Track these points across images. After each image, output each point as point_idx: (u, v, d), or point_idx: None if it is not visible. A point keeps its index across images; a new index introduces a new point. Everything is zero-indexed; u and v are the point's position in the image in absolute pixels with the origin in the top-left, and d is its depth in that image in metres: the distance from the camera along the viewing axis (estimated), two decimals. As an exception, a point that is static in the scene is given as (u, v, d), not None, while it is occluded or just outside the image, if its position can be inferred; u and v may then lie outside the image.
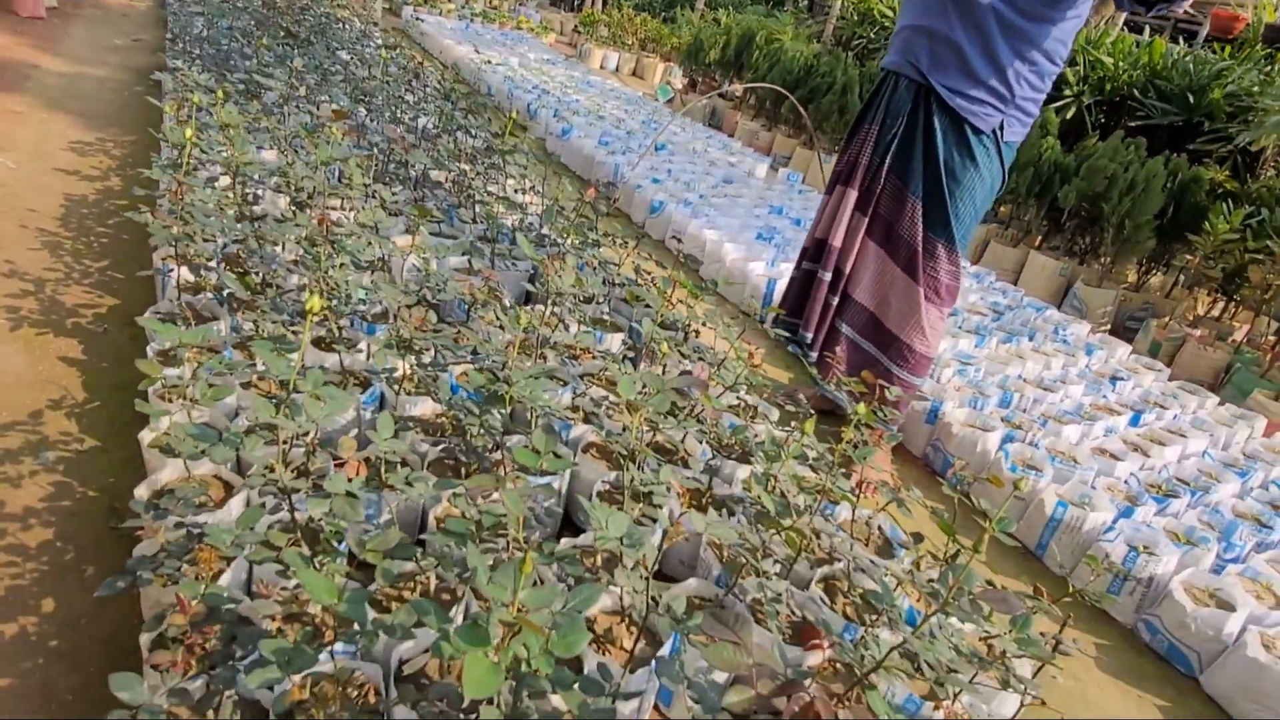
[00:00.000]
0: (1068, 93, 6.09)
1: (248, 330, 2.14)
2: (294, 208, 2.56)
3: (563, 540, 1.66)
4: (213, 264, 2.31)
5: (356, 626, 1.19)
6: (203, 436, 1.28)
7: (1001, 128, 2.28)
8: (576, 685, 0.99)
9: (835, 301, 2.57)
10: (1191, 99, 5.57)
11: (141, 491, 1.64)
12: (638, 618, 1.32)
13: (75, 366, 2.31)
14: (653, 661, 1.11)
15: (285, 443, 1.32)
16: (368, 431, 1.33)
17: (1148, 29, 10.73)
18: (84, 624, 1.56)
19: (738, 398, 2.32)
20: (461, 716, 1.10)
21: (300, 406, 1.31)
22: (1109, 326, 4.82)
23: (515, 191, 3.68)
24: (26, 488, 1.84)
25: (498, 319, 2.34)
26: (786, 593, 1.59)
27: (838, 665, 1.37)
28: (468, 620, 0.96)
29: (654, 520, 1.60)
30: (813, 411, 2.32)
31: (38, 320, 2.46)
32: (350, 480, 1.35)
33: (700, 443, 2.19)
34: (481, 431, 1.61)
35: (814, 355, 2.60)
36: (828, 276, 2.56)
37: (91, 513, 1.81)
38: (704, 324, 2.51)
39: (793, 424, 2.14)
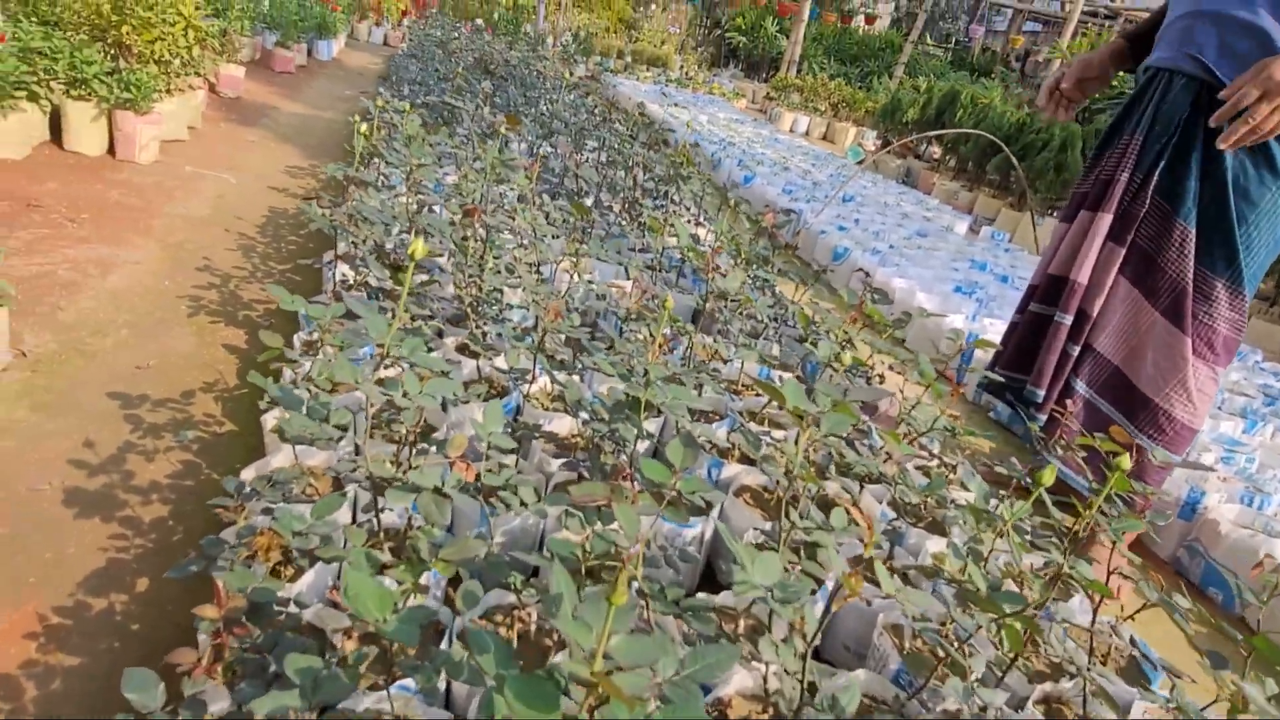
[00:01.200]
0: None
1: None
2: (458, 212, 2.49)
3: (699, 595, 1.33)
4: (370, 257, 2.25)
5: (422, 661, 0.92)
6: (296, 416, 1.09)
7: (1316, 134, 1.75)
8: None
9: (1075, 352, 2.07)
10: None
11: (248, 474, 1.50)
12: (786, 709, 0.96)
13: (235, 354, 2.31)
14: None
15: (375, 422, 1.10)
16: (473, 433, 1.09)
17: None
18: (169, 609, 1.42)
19: (930, 454, 1.89)
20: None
21: (398, 382, 1.09)
22: None
23: (687, 222, 3.48)
24: (159, 463, 1.79)
25: (652, 335, 2.08)
26: (997, 713, 1.14)
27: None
28: (537, 672, 0.66)
29: (818, 582, 1.23)
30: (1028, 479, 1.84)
31: (214, 310, 2.52)
32: (451, 481, 1.11)
33: (880, 501, 1.78)
34: (613, 448, 1.34)
35: (1041, 416, 2.11)
36: (1067, 320, 2.07)
37: (209, 494, 1.72)
38: (889, 367, 2.11)
39: (1004, 495, 1.69)
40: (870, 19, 16.08)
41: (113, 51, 3.82)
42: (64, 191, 3.15)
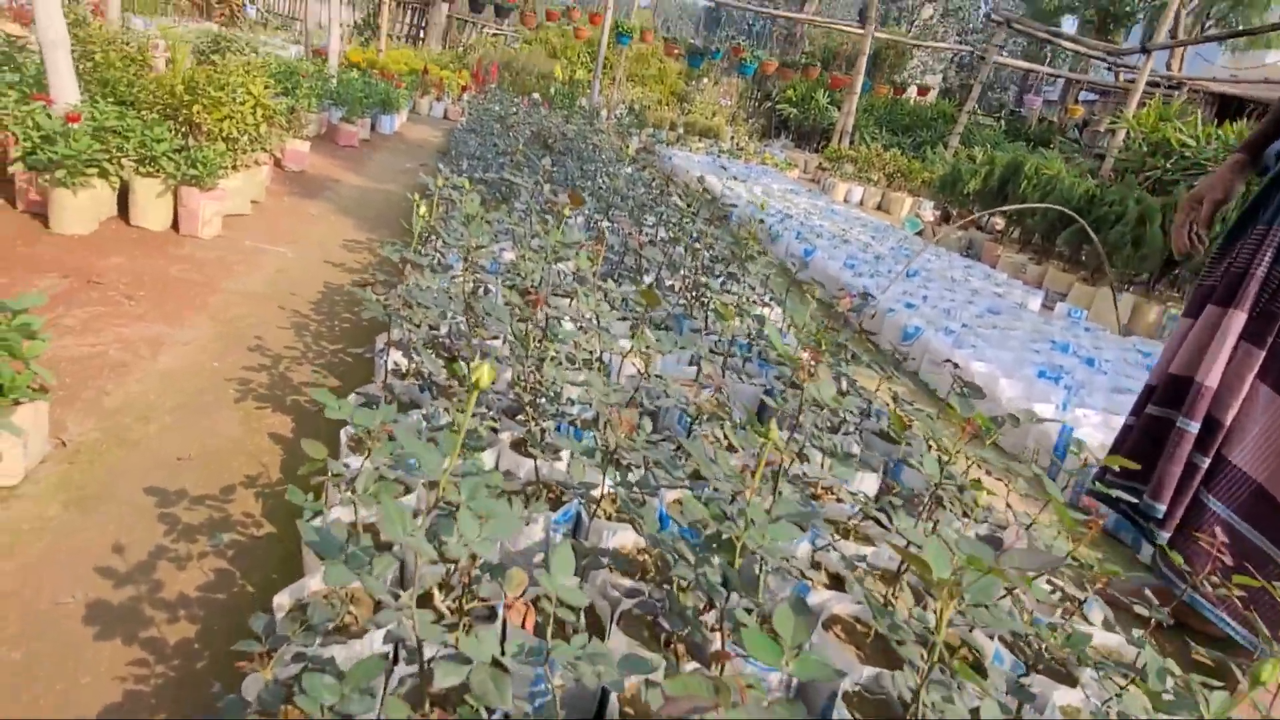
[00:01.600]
0: None
1: (446, 422, 1.89)
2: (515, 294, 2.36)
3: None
4: (422, 347, 2.12)
5: None
6: (323, 544, 0.93)
7: None
8: None
9: (1205, 465, 1.82)
10: None
11: (282, 600, 1.34)
12: None
13: (281, 444, 2.19)
14: None
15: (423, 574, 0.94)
16: (538, 573, 0.91)
17: None
18: (184, 762, 1.25)
19: (1051, 585, 1.64)
20: None
21: (452, 524, 0.93)
22: None
23: (752, 303, 3.32)
24: (190, 571, 1.64)
25: (725, 438, 1.89)
26: None
27: None
28: None
29: (952, 778, 1.00)
30: (1170, 619, 1.57)
31: (262, 394, 2.43)
32: (512, 633, 0.93)
33: (994, 639, 1.54)
34: (694, 588, 1.14)
35: (1164, 534, 1.84)
36: (1194, 428, 1.82)
37: (241, 609, 1.56)
38: (987, 472, 1.88)
39: (1141, 634, 1.43)
40: (923, 90, 16.10)
41: (184, 129, 3.89)
42: (126, 267, 3.14)
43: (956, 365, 2.43)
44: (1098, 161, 11.11)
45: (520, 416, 1.99)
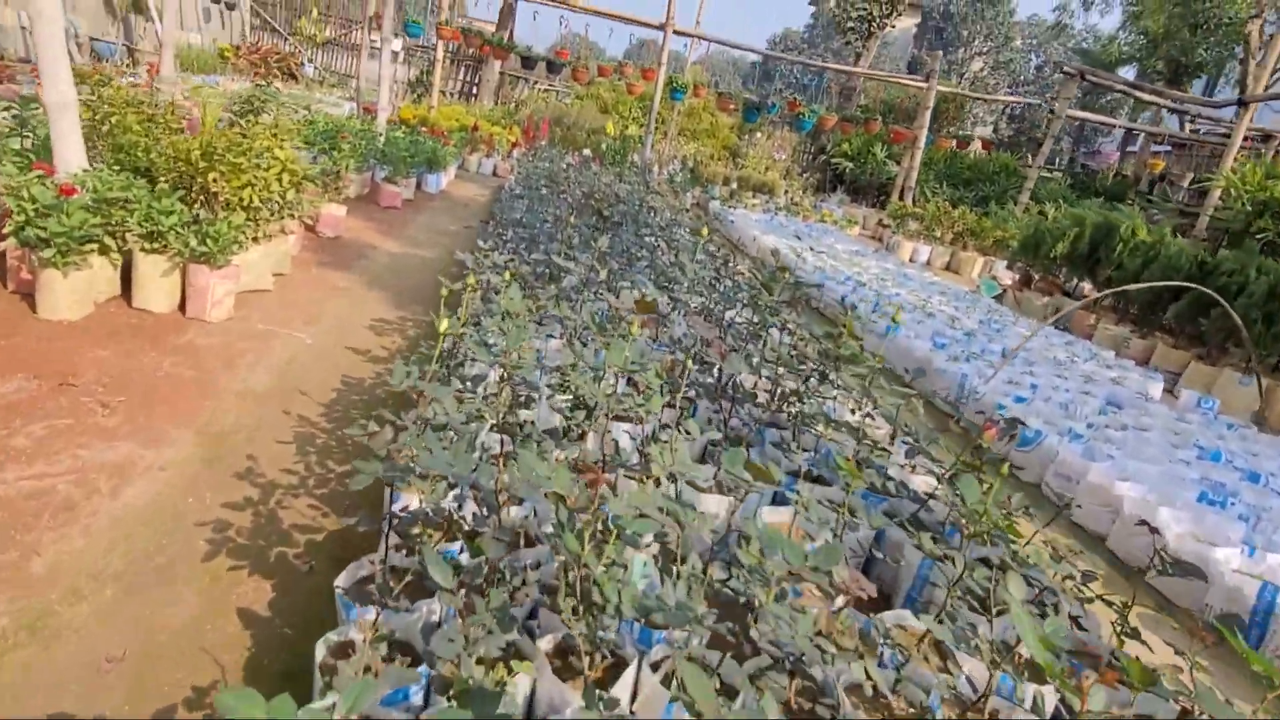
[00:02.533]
0: None
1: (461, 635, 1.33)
2: (565, 440, 1.82)
3: None
4: (428, 541, 1.58)
5: None
6: None
7: None
8: None
9: None
10: None
11: None
12: None
13: (251, 629, 1.65)
14: None
15: None
16: None
17: None
18: None
19: None
20: None
21: None
22: None
23: (851, 412, 2.73)
24: None
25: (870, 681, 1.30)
26: None
27: None
28: None
29: None
30: None
31: (240, 546, 1.90)
32: None
33: None
34: None
35: None
36: None
37: None
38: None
39: None
40: (987, 144, 15.46)
41: (201, 199, 3.50)
42: (111, 363, 2.70)
43: (1155, 530, 1.79)
44: (1183, 219, 10.27)
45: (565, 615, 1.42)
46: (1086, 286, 7.91)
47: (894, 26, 19.95)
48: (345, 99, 14.37)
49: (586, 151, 12.15)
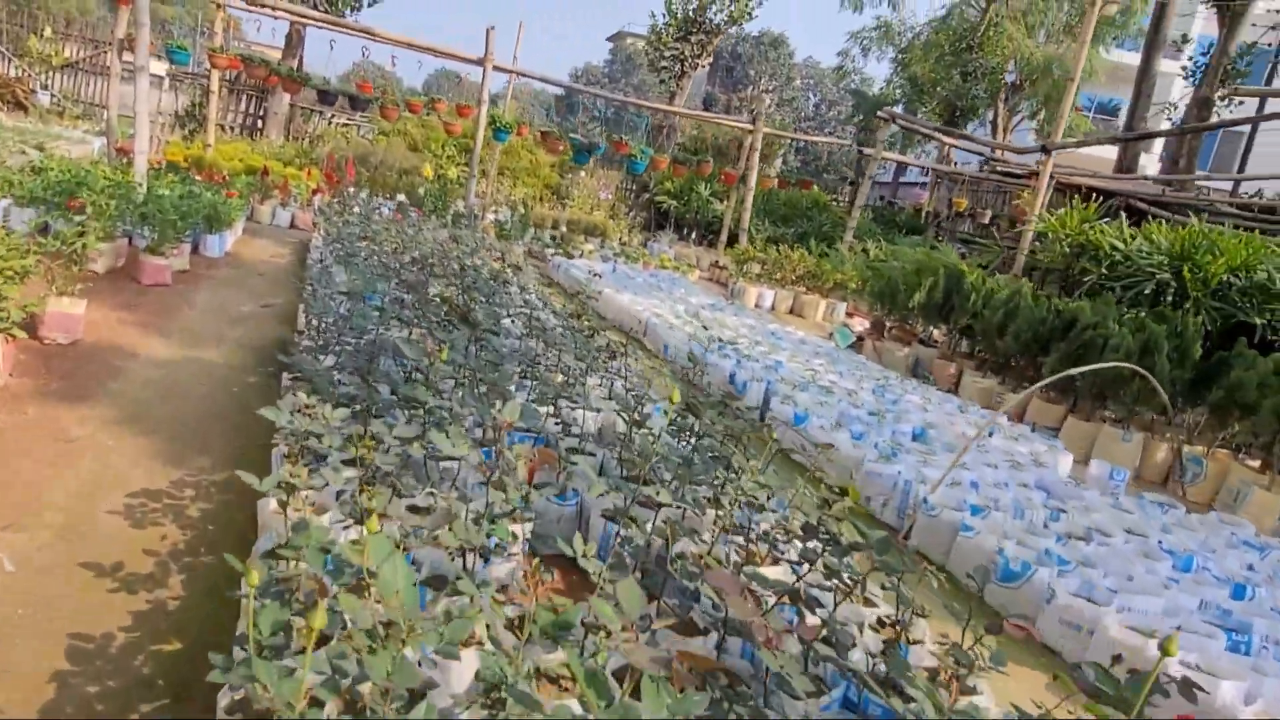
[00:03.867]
0: None
1: None
2: None
3: None
4: None
5: None
6: None
7: None
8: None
9: None
10: None
11: None
12: None
13: None
14: None
15: None
16: None
17: None
18: None
19: None
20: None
21: None
22: None
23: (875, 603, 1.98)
24: None
25: None
26: None
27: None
28: None
29: None
30: None
31: None
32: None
33: None
34: None
35: None
36: None
37: None
38: None
39: None
40: (806, 183, 15.90)
41: None
42: None
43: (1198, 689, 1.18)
44: (1010, 257, 10.65)
45: None
46: (937, 333, 7.93)
47: (705, 66, 20.32)
48: (95, 134, 11.98)
49: (401, 197, 10.86)
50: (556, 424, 3.07)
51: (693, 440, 2.67)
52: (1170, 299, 6.55)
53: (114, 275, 5.17)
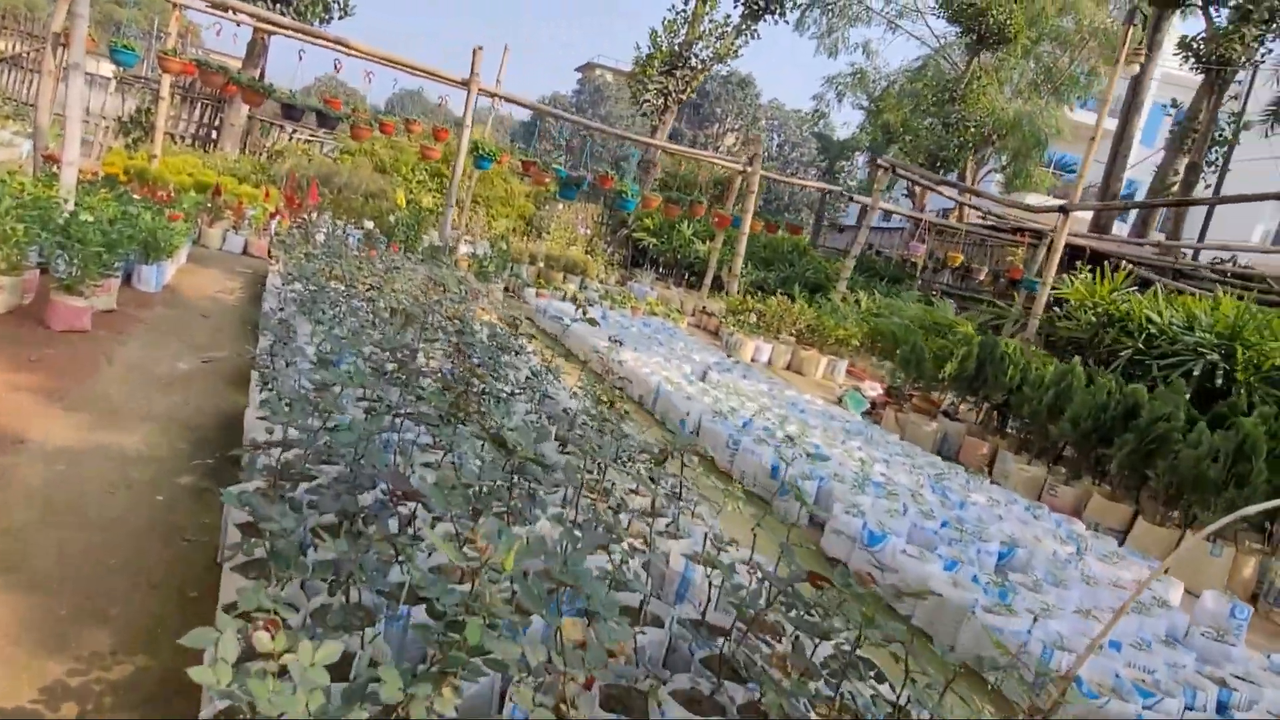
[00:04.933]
0: None
1: None
2: None
3: None
4: None
5: None
6: None
7: None
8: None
9: None
10: None
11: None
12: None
13: None
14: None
15: None
16: None
17: None
18: None
19: None
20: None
21: None
22: None
23: None
24: None
25: None
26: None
27: None
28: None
29: None
30: None
31: None
32: None
33: None
34: None
35: None
36: None
37: None
38: None
39: None
40: (795, 228, 15.37)
41: None
42: None
43: None
44: (1025, 321, 9.95)
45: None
46: (964, 407, 7.27)
47: (689, 100, 19.85)
48: (25, 135, 10.78)
49: (369, 224, 9.91)
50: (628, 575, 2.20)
51: (819, 644, 1.86)
52: (1220, 382, 6.02)
53: (16, 317, 4.16)
